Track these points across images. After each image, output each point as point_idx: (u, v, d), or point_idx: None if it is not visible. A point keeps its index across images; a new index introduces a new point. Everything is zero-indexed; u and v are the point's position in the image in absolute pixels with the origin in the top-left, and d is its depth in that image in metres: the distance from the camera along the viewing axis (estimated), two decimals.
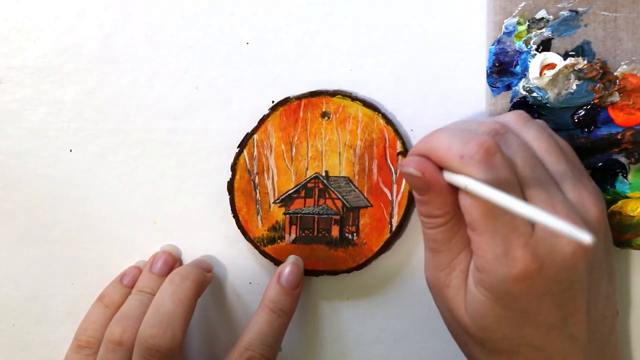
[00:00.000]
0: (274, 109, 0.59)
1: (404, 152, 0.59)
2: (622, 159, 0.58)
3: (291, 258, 0.59)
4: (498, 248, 0.47)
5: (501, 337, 0.50)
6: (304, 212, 0.59)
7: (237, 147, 0.59)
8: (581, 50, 0.57)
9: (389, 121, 0.59)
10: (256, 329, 0.57)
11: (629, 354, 0.62)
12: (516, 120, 0.53)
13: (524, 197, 0.48)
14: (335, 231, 0.59)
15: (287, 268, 0.59)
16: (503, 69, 0.58)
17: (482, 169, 0.47)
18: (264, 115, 0.59)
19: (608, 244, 0.54)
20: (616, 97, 0.56)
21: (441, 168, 0.50)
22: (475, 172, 0.47)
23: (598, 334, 0.52)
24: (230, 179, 0.59)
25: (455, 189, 0.50)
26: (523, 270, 0.47)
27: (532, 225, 0.47)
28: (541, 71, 0.57)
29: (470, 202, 0.48)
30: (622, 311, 0.61)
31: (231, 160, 0.60)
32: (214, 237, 0.62)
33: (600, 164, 0.58)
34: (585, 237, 0.39)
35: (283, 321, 0.58)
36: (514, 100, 0.58)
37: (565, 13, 0.57)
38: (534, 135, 0.52)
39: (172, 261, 0.60)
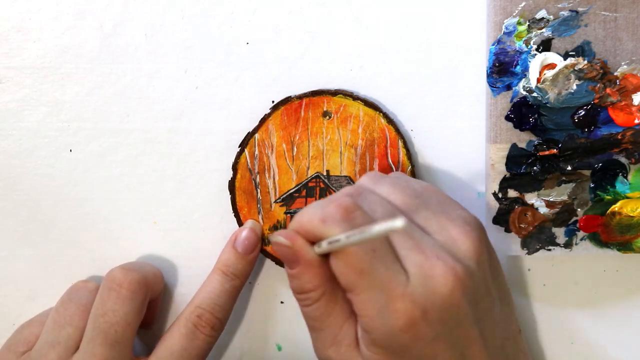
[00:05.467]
0: (275, 108, 0.59)
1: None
2: (622, 159, 0.58)
3: (249, 223, 0.60)
4: (378, 303, 0.47)
5: None
6: None
7: (239, 147, 0.59)
8: (581, 50, 0.57)
9: (390, 120, 0.59)
10: (208, 290, 0.58)
11: None
12: (368, 180, 0.53)
13: (392, 248, 0.48)
14: None
15: (243, 232, 0.59)
16: (503, 69, 0.58)
17: (344, 227, 0.47)
18: (265, 115, 0.59)
19: (494, 269, 0.53)
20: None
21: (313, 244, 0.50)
22: (338, 230, 0.47)
23: (502, 356, 0.52)
24: (231, 178, 0.59)
25: (326, 263, 0.50)
26: (407, 319, 0.47)
27: (406, 274, 0.47)
28: (541, 71, 0.57)
29: (342, 264, 0.48)
30: (626, 313, 0.61)
31: (231, 160, 0.60)
32: (214, 237, 0.62)
33: (600, 164, 0.58)
34: (397, 222, 0.40)
35: (235, 284, 0.59)
36: (514, 100, 0.58)
37: (565, 13, 0.57)
38: (387, 190, 0.52)
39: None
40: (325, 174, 0.59)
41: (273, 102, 0.60)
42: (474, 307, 0.49)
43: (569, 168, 0.58)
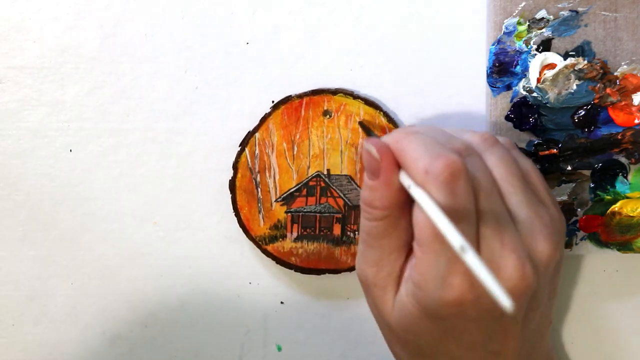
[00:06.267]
0: (275, 107, 0.59)
1: (364, 125, 0.59)
2: (622, 159, 0.58)
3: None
4: (439, 270, 0.47)
5: (424, 344, 0.50)
6: (305, 210, 0.59)
7: (239, 146, 0.59)
8: (581, 50, 0.57)
9: (390, 119, 0.59)
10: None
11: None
12: (483, 141, 0.52)
13: (476, 225, 0.47)
14: (337, 230, 0.59)
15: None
16: (503, 69, 0.58)
17: (443, 192, 0.46)
18: (266, 114, 0.59)
19: (556, 271, 0.52)
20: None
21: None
22: (435, 192, 0.46)
23: (526, 346, 0.52)
24: (232, 177, 0.59)
25: (404, 191, 0.49)
26: (458, 297, 0.47)
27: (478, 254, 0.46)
28: (541, 71, 0.57)
29: (423, 218, 0.47)
30: (626, 313, 0.62)
31: (231, 160, 0.60)
32: (214, 237, 0.62)
33: (600, 164, 0.58)
34: (506, 303, 0.40)
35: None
36: (514, 100, 0.58)
37: (565, 13, 0.57)
38: (495, 161, 0.50)
39: None
40: (325, 173, 0.59)
41: (273, 102, 0.60)
42: (524, 306, 0.49)
43: (569, 168, 0.58)
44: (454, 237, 0.43)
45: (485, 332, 0.49)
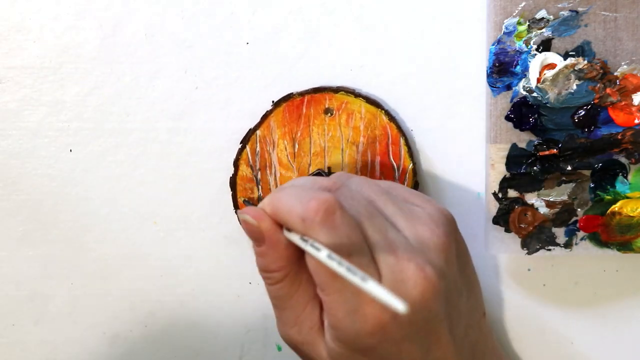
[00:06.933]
0: (276, 104, 0.59)
1: (249, 202, 0.60)
2: (622, 159, 0.58)
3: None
4: (348, 305, 0.47)
5: None
6: None
7: (240, 143, 0.59)
8: (581, 50, 0.57)
9: (392, 118, 0.59)
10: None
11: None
12: (339, 176, 0.53)
13: (369, 249, 0.48)
14: None
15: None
16: (503, 69, 0.58)
17: (325, 231, 0.47)
18: (267, 111, 0.59)
19: (462, 260, 0.53)
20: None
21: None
22: (318, 234, 0.47)
23: (466, 343, 0.52)
24: (232, 174, 0.59)
25: (293, 245, 0.50)
26: (376, 323, 0.47)
27: (379, 275, 0.47)
28: (541, 71, 0.57)
29: (315, 263, 0.48)
30: (626, 313, 0.62)
31: (231, 160, 0.60)
32: (214, 237, 0.62)
33: (600, 164, 0.58)
34: (400, 307, 0.40)
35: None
36: (514, 100, 0.58)
37: (565, 13, 0.57)
38: (358, 185, 0.52)
39: None
40: (326, 170, 0.59)
41: (273, 101, 0.60)
42: (443, 305, 0.49)
43: (569, 168, 0.58)
44: (349, 273, 0.44)
45: (420, 344, 0.49)
